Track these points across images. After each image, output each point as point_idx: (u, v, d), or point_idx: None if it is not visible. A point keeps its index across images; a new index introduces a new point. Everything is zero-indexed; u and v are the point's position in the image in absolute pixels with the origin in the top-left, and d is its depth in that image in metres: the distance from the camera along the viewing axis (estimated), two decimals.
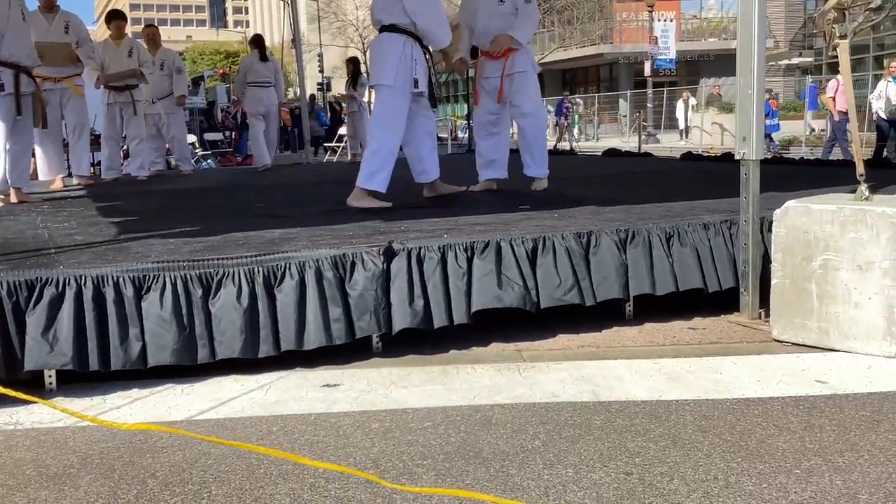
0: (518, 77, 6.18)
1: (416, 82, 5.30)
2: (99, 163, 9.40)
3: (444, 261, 3.61)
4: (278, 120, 11.26)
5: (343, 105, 12.59)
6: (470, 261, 3.64)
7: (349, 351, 3.52)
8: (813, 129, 23.13)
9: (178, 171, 9.61)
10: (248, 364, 3.33)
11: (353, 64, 12.86)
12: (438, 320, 3.57)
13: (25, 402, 2.85)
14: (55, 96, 7.55)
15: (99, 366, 3.10)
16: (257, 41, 10.71)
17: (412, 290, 3.53)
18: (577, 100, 32.68)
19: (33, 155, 8.16)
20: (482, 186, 6.31)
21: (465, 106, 21.91)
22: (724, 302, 4.09)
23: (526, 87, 6.25)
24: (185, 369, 3.27)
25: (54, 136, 7.76)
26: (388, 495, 2.24)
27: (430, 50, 5.54)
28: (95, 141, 10.10)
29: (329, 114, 23.23)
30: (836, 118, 13.72)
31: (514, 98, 6.25)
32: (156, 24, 10.01)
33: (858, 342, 3.45)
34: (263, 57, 10.51)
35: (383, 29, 5.35)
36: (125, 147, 9.73)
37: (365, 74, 13.43)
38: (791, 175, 6.81)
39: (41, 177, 8.00)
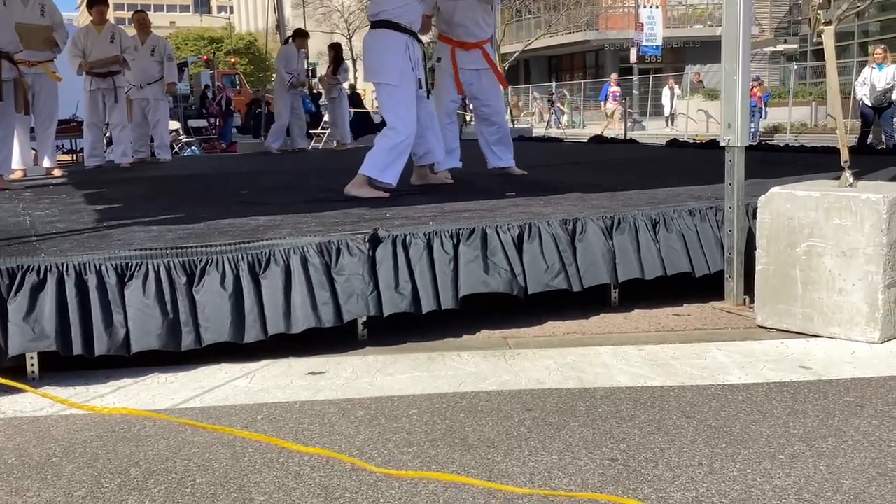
0: (490, 72, 6.37)
1: (419, 82, 5.32)
2: (81, 150, 9.29)
3: (430, 247, 3.60)
4: (298, 106, 11.43)
5: (322, 91, 12.40)
6: (456, 247, 3.63)
7: (334, 339, 3.51)
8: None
9: (156, 158, 9.53)
10: (232, 352, 3.32)
11: (334, 50, 12.73)
12: (427, 305, 3.56)
13: (8, 392, 2.83)
14: (28, 81, 7.42)
15: (83, 350, 3.07)
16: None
17: (398, 276, 3.52)
18: (563, 91, 32.55)
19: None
20: (444, 176, 6.19)
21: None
22: (710, 289, 4.10)
23: (495, 82, 6.43)
24: (170, 358, 3.26)
25: (24, 125, 7.62)
26: (373, 483, 2.23)
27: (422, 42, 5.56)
28: (78, 128, 9.99)
29: (312, 100, 23.08)
30: None
31: (487, 92, 6.45)
32: (139, 9, 9.90)
33: (842, 328, 3.46)
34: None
35: (381, 24, 5.29)
36: (108, 134, 9.63)
37: (347, 62, 13.33)
38: (776, 162, 6.83)
39: (14, 164, 7.78)
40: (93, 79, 8.53)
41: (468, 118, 14.80)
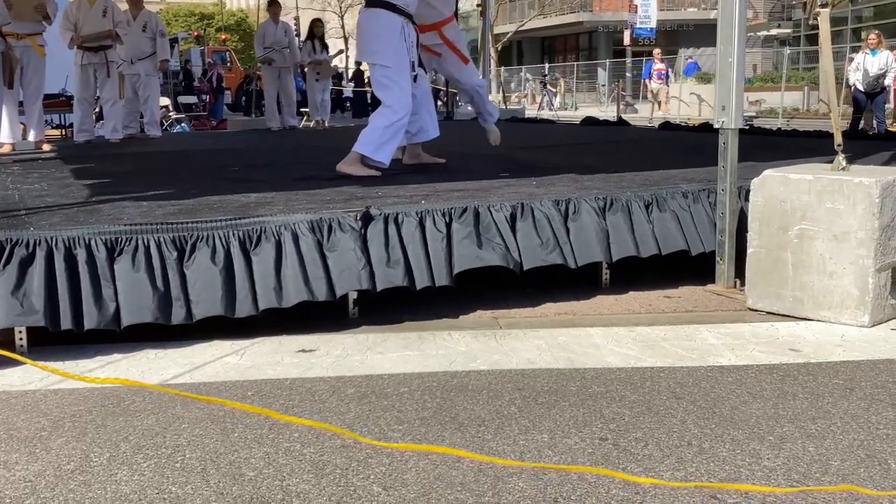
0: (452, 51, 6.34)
1: (412, 65, 5.26)
2: (70, 125, 9.18)
3: (422, 225, 3.59)
4: (286, 82, 11.31)
5: (307, 69, 12.09)
6: (449, 226, 3.62)
7: (326, 318, 3.50)
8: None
9: (146, 135, 9.46)
10: (223, 329, 3.30)
11: (322, 26, 12.54)
12: (420, 281, 3.54)
13: None
14: (16, 54, 7.33)
15: (72, 325, 3.06)
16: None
17: (391, 252, 3.50)
18: (557, 74, 32.35)
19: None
20: (436, 156, 6.01)
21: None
22: (701, 272, 4.10)
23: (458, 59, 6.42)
24: (160, 335, 3.24)
25: (12, 98, 7.53)
26: (364, 459, 2.23)
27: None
28: (67, 102, 9.87)
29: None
30: None
31: (454, 71, 6.41)
32: None
33: (832, 312, 3.47)
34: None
35: (376, 3, 5.23)
36: (98, 109, 9.54)
37: (339, 40, 13.16)
38: (769, 145, 6.83)
39: (2, 138, 7.69)
40: (84, 53, 8.42)
41: (459, 99, 14.68)
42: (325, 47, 12.17)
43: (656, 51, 23.84)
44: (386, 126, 5.15)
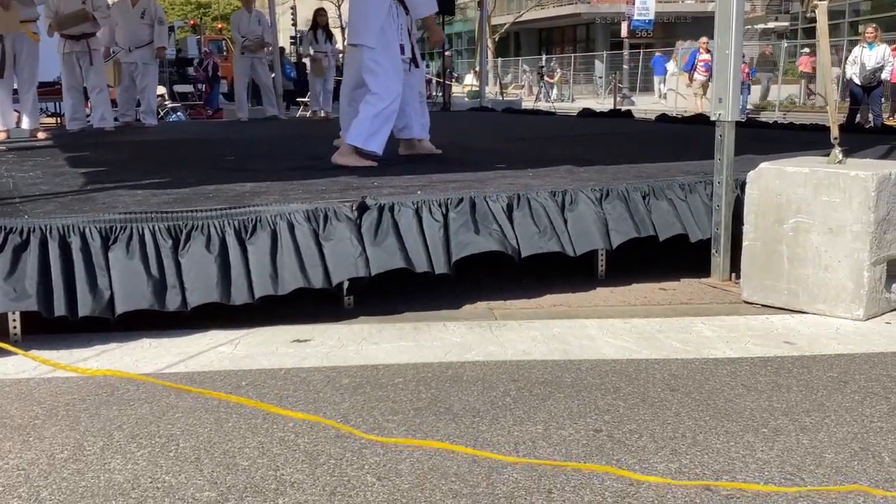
0: None
1: (402, 48, 5.20)
2: (63, 113, 9.12)
3: (419, 215, 3.58)
4: (259, 72, 11.11)
5: (308, 61, 11.96)
6: (445, 215, 3.61)
7: (320, 308, 3.50)
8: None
9: (142, 123, 9.40)
10: (218, 319, 3.30)
11: (325, 15, 12.46)
12: (419, 266, 3.52)
13: None
14: (8, 43, 7.29)
15: (66, 311, 3.05)
16: None
17: (387, 241, 3.49)
18: (555, 66, 32.26)
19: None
20: (432, 147, 5.94)
21: (440, 62, 21.35)
22: (697, 266, 4.10)
23: None
24: (154, 324, 3.24)
25: (6, 86, 7.49)
26: (358, 449, 2.23)
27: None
28: (61, 90, 9.77)
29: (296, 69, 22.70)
30: None
31: None
32: None
33: (827, 305, 3.48)
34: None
35: None
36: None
37: (334, 30, 13.07)
38: (766, 138, 6.82)
39: None
40: (66, 42, 8.28)
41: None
42: (329, 36, 12.06)
43: (703, 39, 20.48)
44: (374, 115, 5.09)
